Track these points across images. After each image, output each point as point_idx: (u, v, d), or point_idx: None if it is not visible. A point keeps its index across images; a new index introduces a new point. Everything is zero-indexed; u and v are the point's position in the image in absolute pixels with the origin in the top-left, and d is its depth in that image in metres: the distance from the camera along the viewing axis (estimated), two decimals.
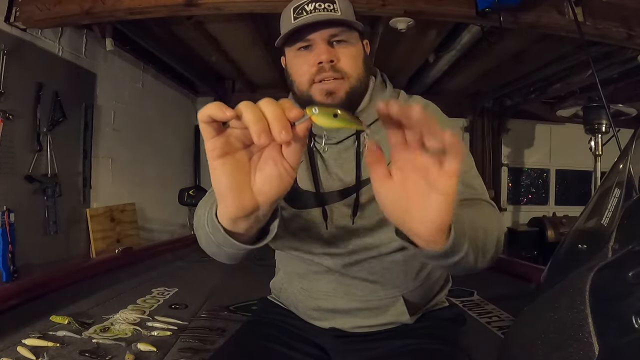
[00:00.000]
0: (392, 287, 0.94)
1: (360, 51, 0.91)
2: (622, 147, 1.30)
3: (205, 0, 2.34)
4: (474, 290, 2.11)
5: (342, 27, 0.87)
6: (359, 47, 0.91)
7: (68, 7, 2.39)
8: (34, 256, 2.46)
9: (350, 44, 0.89)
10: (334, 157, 0.92)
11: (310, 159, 0.92)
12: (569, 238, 0.95)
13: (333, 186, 0.91)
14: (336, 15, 0.87)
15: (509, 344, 1.00)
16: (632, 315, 0.57)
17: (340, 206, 0.90)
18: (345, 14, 0.88)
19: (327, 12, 0.86)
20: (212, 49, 3.64)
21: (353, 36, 0.89)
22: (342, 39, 0.88)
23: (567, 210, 5.07)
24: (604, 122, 3.38)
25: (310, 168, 0.92)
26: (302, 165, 0.93)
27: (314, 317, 0.99)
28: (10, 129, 2.32)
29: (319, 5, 0.87)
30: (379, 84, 0.99)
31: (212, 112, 0.50)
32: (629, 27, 2.43)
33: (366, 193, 0.88)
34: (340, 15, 0.87)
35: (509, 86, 4.50)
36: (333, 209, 0.91)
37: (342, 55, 0.87)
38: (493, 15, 2.29)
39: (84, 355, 1.25)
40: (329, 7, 0.87)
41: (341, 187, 0.90)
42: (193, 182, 4.91)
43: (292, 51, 0.91)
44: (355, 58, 0.89)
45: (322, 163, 0.93)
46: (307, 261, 0.96)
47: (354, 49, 0.89)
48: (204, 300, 1.90)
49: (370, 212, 0.89)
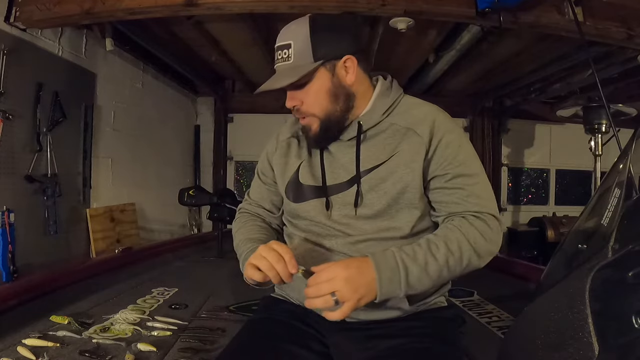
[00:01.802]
0: None
1: (323, 85, 0.96)
2: (622, 147, 1.30)
3: (205, 0, 2.34)
4: (474, 290, 2.11)
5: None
6: (322, 81, 0.96)
7: (68, 7, 2.39)
8: (34, 256, 2.47)
9: (308, 86, 0.95)
10: (342, 152, 1.01)
11: (320, 156, 1.02)
12: (569, 238, 0.95)
13: (339, 177, 1.00)
14: (287, 69, 0.95)
15: (509, 344, 1.00)
16: (632, 315, 0.57)
17: (344, 196, 0.99)
18: (299, 55, 0.94)
19: (283, 62, 0.95)
20: (212, 49, 3.64)
21: (311, 74, 0.94)
22: (299, 84, 0.95)
23: (567, 210, 5.07)
24: (604, 122, 3.38)
25: (320, 164, 1.02)
26: (310, 162, 1.04)
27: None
28: (10, 129, 2.32)
29: (279, 55, 0.96)
30: (385, 90, 1.02)
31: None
32: (629, 27, 2.43)
33: (366, 183, 0.97)
34: (292, 63, 0.94)
35: (509, 86, 4.50)
36: (337, 199, 0.99)
37: (304, 98, 0.97)
38: (493, 15, 2.29)
39: (84, 355, 1.25)
40: (285, 55, 0.95)
41: (347, 178, 0.99)
42: (193, 182, 4.92)
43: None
44: (315, 98, 0.96)
45: (331, 157, 1.02)
46: (313, 244, 1.02)
47: (313, 89, 0.96)
48: (204, 300, 1.90)
49: (370, 200, 0.97)
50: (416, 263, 0.86)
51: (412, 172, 0.94)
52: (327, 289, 0.81)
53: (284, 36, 0.97)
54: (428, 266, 0.87)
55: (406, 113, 0.99)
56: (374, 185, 0.96)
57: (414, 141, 0.95)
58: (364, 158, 0.98)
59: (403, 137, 0.96)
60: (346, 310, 0.81)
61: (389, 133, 0.98)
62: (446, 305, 1.05)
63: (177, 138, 4.64)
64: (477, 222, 0.93)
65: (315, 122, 0.98)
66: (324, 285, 0.81)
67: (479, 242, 0.91)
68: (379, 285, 0.83)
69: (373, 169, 0.97)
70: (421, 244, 0.89)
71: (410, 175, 0.94)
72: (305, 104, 0.97)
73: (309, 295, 0.83)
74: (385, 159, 0.96)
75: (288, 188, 1.06)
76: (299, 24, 0.96)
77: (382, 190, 0.96)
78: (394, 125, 0.98)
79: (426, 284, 0.88)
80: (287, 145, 1.10)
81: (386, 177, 0.96)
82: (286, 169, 1.08)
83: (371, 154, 0.98)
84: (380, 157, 0.97)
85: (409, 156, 0.95)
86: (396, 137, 0.97)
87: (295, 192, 1.05)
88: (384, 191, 0.96)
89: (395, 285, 0.85)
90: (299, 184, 1.04)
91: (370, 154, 0.98)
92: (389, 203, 0.96)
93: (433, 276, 0.88)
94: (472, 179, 0.95)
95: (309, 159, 1.05)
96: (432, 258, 0.87)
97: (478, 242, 0.91)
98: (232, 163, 5.22)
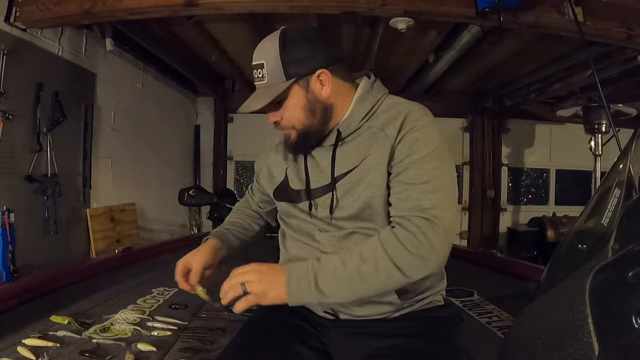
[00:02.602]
0: None
1: (299, 101, 0.98)
2: (622, 147, 1.30)
3: (205, 0, 2.34)
4: (474, 290, 2.11)
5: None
6: (296, 97, 0.97)
7: (68, 7, 2.39)
8: (34, 256, 2.47)
9: (285, 103, 0.98)
10: (323, 157, 1.02)
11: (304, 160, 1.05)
12: (569, 238, 0.95)
13: (321, 181, 1.02)
14: (262, 88, 0.98)
15: (509, 344, 1.00)
16: (632, 315, 0.57)
17: (325, 198, 1.01)
18: (272, 75, 0.96)
19: (259, 82, 0.99)
20: (212, 49, 3.64)
21: (285, 92, 0.96)
22: (278, 101, 0.97)
23: (567, 210, 5.07)
24: (604, 122, 3.39)
25: (305, 168, 1.04)
26: (297, 166, 1.07)
27: None
28: (10, 129, 2.32)
29: (255, 74, 1.00)
30: (365, 94, 1.01)
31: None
32: (629, 27, 2.43)
33: (341, 187, 0.98)
34: (266, 83, 0.97)
35: (509, 86, 4.51)
36: (320, 201, 1.02)
37: (283, 114, 0.99)
38: (493, 15, 2.29)
39: (84, 355, 1.25)
40: (260, 75, 0.98)
41: (326, 182, 1.01)
42: (193, 182, 4.92)
43: None
44: (292, 113, 0.98)
45: (314, 162, 1.04)
46: (304, 243, 1.05)
47: (290, 105, 0.98)
48: (204, 300, 1.89)
49: (346, 204, 0.98)
50: (325, 269, 0.88)
51: (382, 174, 0.93)
52: (238, 279, 0.89)
53: (257, 55, 1.00)
54: (336, 272, 0.87)
55: (384, 114, 0.99)
56: (349, 189, 0.97)
57: (382, 142, 0.94)
58: (340, 162, 0.99)
59: (375, 139, 0.96)
60: (250, 299, 0.88)
61: (365, 136, 0.98)
62: (443, 304, 1.05)
63: (177, 138, 4.64)
64: (400, 232, 0.86)
65: (293, 132, 1.01)
66: (236, 276, 0.90)
67: (399, 255, 0.84)
68: (288, 286, 0.87)
69: (347, 173, 0.97)
70: (340, 253, 0.91)
71: (380, 177, 0.93)
72: (284, 119, 1.00)
73: (224, 289, 0.91)
74: (358, 162, 0.96)
75: (277, 191, 1.10)
76: (271, 42, 0.97)
77: (356, 194, 0.96)
78: (371, 128, 0.98)
79: (339, 291, 0.87)
80: (277, 150, 1.13)
81: (359, 181, 0.96)
82: (276, 173, 1.11)
83: (346, 158, 0.98)
84: (353, 161, 0.97)
85: (377, 158, 0.94)
86: (370, 139, 0.97)
87: (283, 195, 1.08)
88: (357, 195, 0.96)
89: (304, 291, 0.87)
90: (287, 186, 1.07)
91: (346, 157, 0.98)
92: (362, 207, 0.96)
93: (344, 283, 0.86)
94: (423, 175, 0.89)
95: (294, 163, 1.08)
96: (341, 265, 0.87)
97: (398, 255, 0.84)
98: (232, 163, 5.22)
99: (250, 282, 0.88)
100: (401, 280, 0.87)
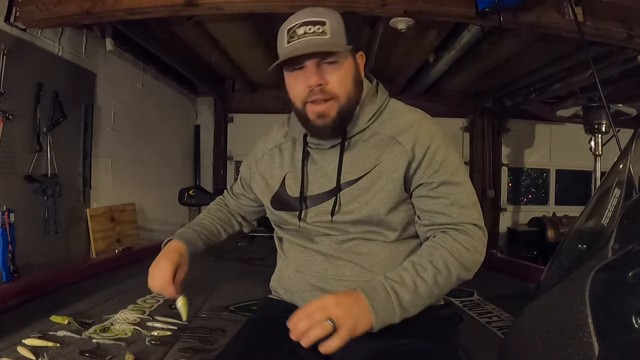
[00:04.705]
0: (379, 270, 0.96)
1: (350, 70, 0.95)
2: (622, 147, 1.30)
3: (205, 0, 2.34)
4: (474, 290, 2.11)
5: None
6: (349, 65, 0.95)
7: (68, 7, 2.39)
8: (34, 256, 2.46)
9: (339, 65, 0.93)
10: (327, 161, 1.01)
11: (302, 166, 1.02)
12: (569, 238, 0.96)
13: (323, 187, 1.00)
14: (323, 41, 0.90)
15: (509, 344, 1.00)
16: (632, 315, 0.57)
17: (327, 205, 0.99)
18: (335, 34, 0.91)
19: (317, 36, 0.91)
20: (212, 49, 3.64)
21: (343, 55, 0.93)
22: (332, 60, 0.92)
23: (567, 210, 5.07)
24: (604, 122, 3.38)
25: (302, 174, 1.02)
26: (295, 173, 1.04)
27: (308, 299, 1.00)
28: (10, 129, 2.32)
29: (309, 29, 0.91)
30: (371, 95, 1.01)
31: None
32: (629, 27, 2.43)
33: (348, 193, 0.97)
34: (329, 38, 0.91)
35: (509, 86, 4.50)
36: (320, 208, 1.00)
37: (330, 77, 0.92)
38: (493, 15, 2.29)
39: (84, 355, 1.25)
40: (319, 30, 0.91)
41: (330, 187, 0.99)
42: (193, 182, 4.91)
43: (288, 72, 0.96)
44: (343, 79, 0.93)
45: (315, 165, 1.02)
46: (302, 247, 1.04)
47: (343, 69, 0.93)
48: (204, 300, 1.90)
49: (351, 209, 0.97)
50: (405, 288, 0.86)
51: (393, 181, 0.94)
52: (321, 316, 0.78)
53: (314, 13, 0.94)
54: (418, 288, 0.87)
55: (390, 121, 0.99)
56: (357, 195, 0.97)
57: (396, 151, 0.95)
58: (347, 168, 0.98)
59: (386, 147, 0.96)
60: (344, 335, 0.78)
61: (373, 143, 0.98)
62: (443, 304, 1.05)
63: (177, 138, 4.63)
64: (459, 236, 0.93)
65: (334, 108, 0.94)
66: (317, 313, 0.79)
67: (464, 256, 0.91)
68: (374, 314, 0.82)
69: (356, 180, 0.97)
70: (407, 267, 0.89)
71: (391, 184, 0.94)
72: (330, 84, 0.92)
73: (302, 329, 0.78)
74: (369, 169, 0.96)
75: (274, 200, 1.07)
76: (326, 9, 0.95)
77: (364, 200, 0.96)
78: (379, 135, 0.98)
79: (420, 304, 0.88)
80: (270, 156, 1.11)
81: (369, 188, 0.96)
82: (271, 181, 1.09)
83: (355, 165, 0.98)
84: (364, 168, 0.97)
85: (391, 166, 0.95)
86: (380, 147, 0.97)
87: (280, 203, 1.06)
88: (365, 201, 0.96)
89: (390, 313, 0.85)
90: (284, 194, 1.05)
91: (354, 164, 0.98)
92: (369, 213, 0.96)
93: (425, 297, 0.88)
94: (457, 187, 0.96)
95: (293, 169, 1.05)
96: (421, 280, 0.87)
97: (463, 256, 0.91)
98: (232, 163, 5.22)
99: (337, 316, 0.79)
100: (465, 278, 0.94)
